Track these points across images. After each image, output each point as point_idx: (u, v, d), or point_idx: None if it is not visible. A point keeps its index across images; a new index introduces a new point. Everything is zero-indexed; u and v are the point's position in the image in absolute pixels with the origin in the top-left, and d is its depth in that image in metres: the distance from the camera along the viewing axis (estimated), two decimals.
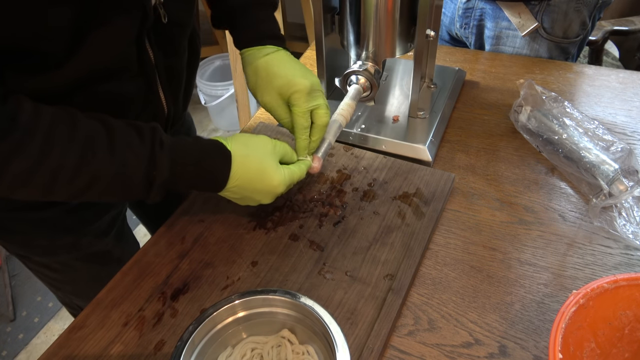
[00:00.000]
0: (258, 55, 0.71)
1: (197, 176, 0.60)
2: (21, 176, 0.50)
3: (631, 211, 0.71)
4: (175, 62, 0.73)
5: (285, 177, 0.64)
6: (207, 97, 2.31)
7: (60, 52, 0.53)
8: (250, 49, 0.72)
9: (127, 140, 0.56)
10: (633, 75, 1.00)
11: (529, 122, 0.84)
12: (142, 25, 0.59)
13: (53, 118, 0.51)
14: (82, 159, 0.52)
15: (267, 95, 0.70)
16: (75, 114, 0.54)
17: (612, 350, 0.53)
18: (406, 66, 1.04)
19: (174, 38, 0.70)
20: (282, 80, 0.68)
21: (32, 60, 0.53)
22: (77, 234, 0.80)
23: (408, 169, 0.80)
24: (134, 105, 0.67)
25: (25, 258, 0.83)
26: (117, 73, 0.62)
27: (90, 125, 0.54)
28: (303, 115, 0.69)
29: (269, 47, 0.72)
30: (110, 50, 0.58)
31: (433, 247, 0.71)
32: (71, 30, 0.52)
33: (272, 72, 0.69)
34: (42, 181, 0.51)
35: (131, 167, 0.55)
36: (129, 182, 0.56)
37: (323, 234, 0.71)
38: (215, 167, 0.61)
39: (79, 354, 0.60)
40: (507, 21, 1.09)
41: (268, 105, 0.71)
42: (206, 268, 0.68)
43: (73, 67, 0.55)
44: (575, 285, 0.65)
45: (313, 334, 0.55)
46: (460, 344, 0.60)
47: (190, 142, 0.61)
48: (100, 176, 0.54)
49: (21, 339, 1.66)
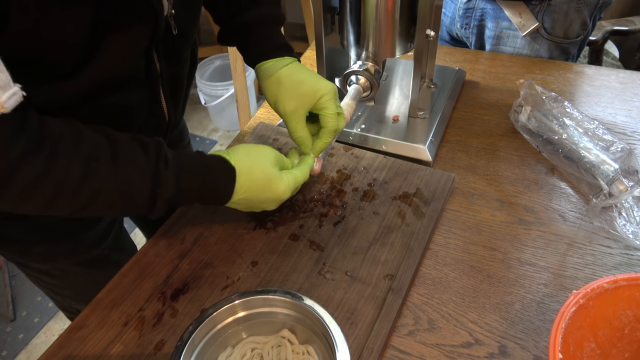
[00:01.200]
0: (278, 66, 0.72)
1: (201, 192, 0.61)
2: (26, 188, 0.49)
3: (631, 211, 0.71)
4: (178, 71, 0.74)
5: (289, 184, 0.65)
6: (207, 97, 2.31)
7: (71, 63, 0.53)
8: (268, 61, 0.73)
9: (131, 155, 0.55)
10: (633, 75, 1.00)
11: (529, 122, 0.84)
12: (153, 36, 0.60)
13: (58, 130, 0.51)
14: (86, 173, 0.52)
15: (290, 103, 0.70)
16: (78, 126, 0.53)
17: (612, 350, 0.53)
18: (406, 66, 1.04)
19: (179, 48, 0.71)
20: (308, 86, 0.69)
21: (43, 72, 0.53)
22: (76, 240, 0.80)
23: (408, 169, 0.80)
24: (137, 114, 0.68)
25: (23, 266, 0.83)
26: (124, 83, 0.63)
27: (94, 139, 0.54)
28: (334, 118, 0.70)
29: (287, 58, 0.73)
30: (121, 61, 0.59)
31: (433, 247, 0.71)
32: (85, 42, 0.52)
33: (297, 80, 0.70)
34: (45, 194, 0.51)
35: (135, 184, 0.55)
36: (132, 199, 0.56)
37: (323, 234, 0.71)
38: (219, 183, 0.61)
39: (79, 354, 0.60)
40: (507, 21, 1.09)
41: (291, 113, 0.70)
42: (206, 268, 0.68)
43: (84, 78, 0.56)
44: (575, 285, 0.65)
45: (313, 334, 0.55)
46: (460, 344, 0.60)
47: (194, 158, 0.61)
48: (103, 191, 0.53)
49: (21, 339, 1.66)
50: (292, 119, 0.70)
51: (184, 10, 0.66)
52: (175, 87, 0.73)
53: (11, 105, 0.44)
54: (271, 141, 0.87)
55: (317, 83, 0.70)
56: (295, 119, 0.70)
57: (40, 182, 0.49)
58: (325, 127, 0.70)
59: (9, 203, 0.51)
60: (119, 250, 0.89)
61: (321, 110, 0.70)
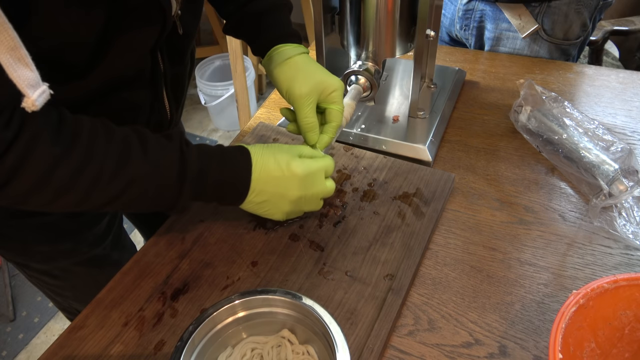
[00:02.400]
0: (295, 52, 0.72)
1: (221, 174, 0.61)
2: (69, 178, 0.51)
3: (631, 211, 0.71)
4: (180, 70, 0.75)
5: (305, 163, 0.63)
6: (207, 97, 2.31)
7: (84, 62, 0.55)
8: (285, 45, 0.73)
9: (157, 142, 0.58)
10: (633, 75, 1.00)
11: (529, 122, 0.84)
12: (160, 36, 0.61)
13: (91, 125, 0.53)
14: (120, 162, 0.54)
15: (305, 86, 0.69)
16: (108, 122, 0.55)
17: (612, 350, 0.53)
18: (406, 66, 1.04)
19: (182, 48, 0.72)
20: (323, 77, 0.70)
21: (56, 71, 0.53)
22: (76, 239, 0.80)
23: (408, 169, 0.80)
24: (141, 112, 0.69)
25: (23, 266, 0.83)
26: (130, 82, 0.64)
27: (124, 133, 0.56)
28: (341, 113, 0.71)
29: (302, 46, 0.74)
30: (130, 60, 0.60)
31: (433, 247, 0.71)
32: (97, 42, 0.53)
33: (312, 68, 0.71)
34: (84, 185, 0.52)
35: (164, 166, 0.57)
36: (162, 182, 0.57)
37: (323, 234, 0.71)
38: (235, 162, 0.62)
39: (79, 354, 0.60)
40: (507, 23, 1.09)
41: (305, 96, 0.69)
42: (206, 268, 0.68)
43: (94, 77, 0.57)
44: (575, 285, 0.65)
45: (313, 334, 0.55)
46: (460, 344, 0.60)
47: (211, 146, 0.63)
48: (135, 179, 0.55)
49: (21, 339, 1.66)
50: (305, 102, 0.70)
51: (188, 10, 0.67)
52: (177, 86, 0.74)
53: (41, 103, 0.45)
54: (271, 141, 0.87)
55: (330, 77, 0.71)
56: (308, 103, 0.70)
57: (77, 177, 0.51)
58: (331, 122, 0.71)
59: (45, 199, 0.52)
60: (119, 250, 0.89)
61: (330, 104, 0.71)
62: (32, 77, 0.44)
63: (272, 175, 0.62)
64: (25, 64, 0.43)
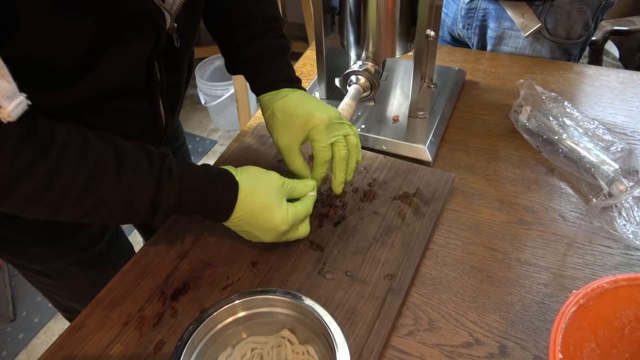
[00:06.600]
0: (274, 99, 0.72)
1: (202, 205, 0.61)
2: (30, 197, 0.50)
3: (631, 211, 0.71)
4: (177, 79, 0.75)
5: (288, 216, 0.63)
6: (207, 97, 2.31)
7: (74, 72, 0.54)
8: (267, 94, 0.74)
9: (136, 164, 0.56)
10: (633, 75, 1.00)
11: (529, 122, 0.84)
12: (155, 49, 0.61)
13: (66, 137, 0.52)
14: (90, 181, 0.52)
15: (283, 136, 0.70)
16: (87, 133, 0.54)
17: (612, 350, 0.53)
18: (406, 66, 1.04)
19: (179, 59, 0.72)
20: (300, 119, 0.69)
21: (46, 80, 0.53)
22: (72, 239, 0.80)
23: (408, 169, 0.80)
24: (135, 120, 0.69)
25: (20, 266, 0.83)
26: (124, 91, 0.63)
27: (101, 147, 0.54)
28: (324, 150, 0.69)
29: (284, 90, 0.73)
30: (122, 71, 0.60)
31: (433, 247, 0.71)
32: (86, 52, 0.53)
33: (289, 113, 0.70)
34: (48, 203, 0.51)
35: (137, 192, 0.56)
36: (133, 208, 0.56)
37: (323, 234, 0.71)
38: (221, 197, 0.61)
39: (79, 354, 0.60)
40: (510, 22, 1.09)
41: (284, 146, 0.70)
42: (206, 268, 0.68)
43: (85, 86, 0.56)
44: (575, 285, 0.65)
45: (313, 334, 0.55)
46: (460, 344, 0.60)
47: (199, 171, 0.61)
48: (106, 199, 0.54)
49: (21, 339, 1.66)
50: (286, 152, 0.70)
51: (186, 22, 0.67)
52: (173, 94, 0.74)
53: (17, 114, 0.44)
54: (271, 141, 0.87)
55: (309, 116, 0.68)
56: (289, 152, 0.70)
57: (44, 191, 0.50)
58: (316, 159, 0.70)
59: (13, 209, 0.52)
60: (116, 250, 0.89)
61: (312, 142, 0.69)
62: (9, 89, 0.43)
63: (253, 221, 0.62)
64: (1, 75, 0.42)
